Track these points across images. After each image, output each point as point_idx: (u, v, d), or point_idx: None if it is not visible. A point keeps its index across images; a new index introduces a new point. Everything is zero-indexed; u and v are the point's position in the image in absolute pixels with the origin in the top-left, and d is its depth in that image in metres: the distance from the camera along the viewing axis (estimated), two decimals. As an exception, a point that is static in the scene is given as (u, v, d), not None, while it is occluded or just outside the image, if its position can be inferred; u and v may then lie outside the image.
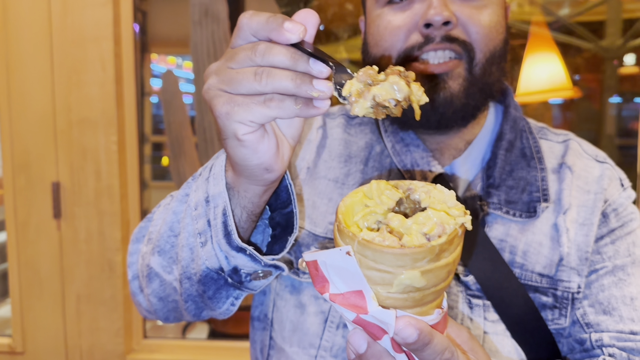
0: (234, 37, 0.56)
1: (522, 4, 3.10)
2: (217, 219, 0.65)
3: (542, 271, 0.81)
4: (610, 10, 3.11)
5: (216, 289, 0.71)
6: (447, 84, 0.79)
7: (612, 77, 3.15)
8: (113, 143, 1.79)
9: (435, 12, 0.76)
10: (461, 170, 0.87)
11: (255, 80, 0.52)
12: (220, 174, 0.65)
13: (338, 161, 0.89)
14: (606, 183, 0.87)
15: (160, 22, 4.66)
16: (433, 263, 0.48)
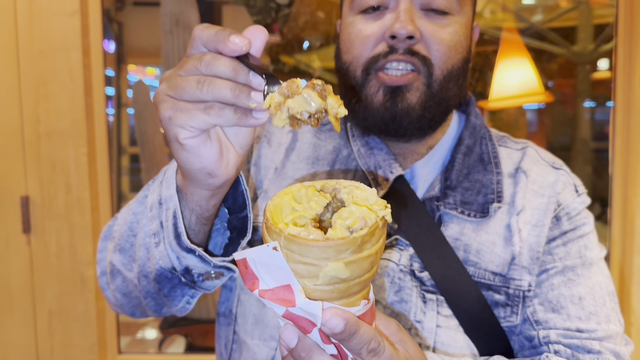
0: (188, 47, 0.59)
1: (495, 10, 3.13)
2: (169, 220, 0.68)
3: (495, 270, 0.85)
4: (581, 16, 3.16)
5: (171, 287, 0.74)
6: (406, 96, 0.82)
7: (584, 82, 3.19)
8: (83, 155, 1.76)
9: (401, 26, 0.79)
10: (421, 173, 0.91)
11: (198, 88, 0.55)
12: (172, 178, 0.69)
13: (306, 163, 0.93)
14: (560, 188, 0.91)
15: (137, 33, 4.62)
16: (356, 254, 0.50)
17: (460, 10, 0.85)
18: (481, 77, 2.83)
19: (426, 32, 0.82)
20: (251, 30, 0.57)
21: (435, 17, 0.83)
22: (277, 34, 2.46)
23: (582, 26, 3.18)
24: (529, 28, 3.20)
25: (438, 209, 0.86)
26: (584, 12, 3.16)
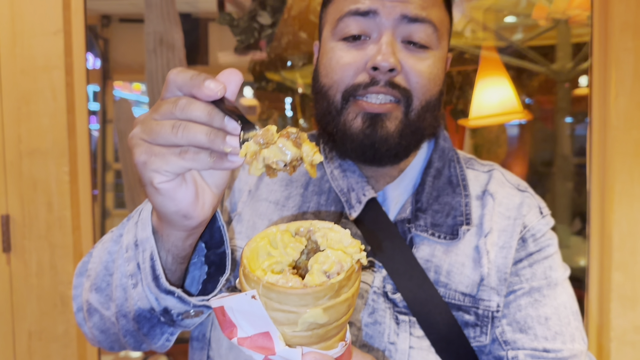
0: (163, 90, 0.59)
1: (476, 30, 3.19)
2: (146, 262, 0.68)
3: (464, 290, 0.86)
4: (560, 35, 3.22)
5: (150, 326, 0.74)
6: (385, 124, 0.84)
7: (564, 99, 3.25)
8: (65, 173, 1.76)
9: (383, 58, 0.81)
10: (393, 195, 0.92)
11: (172, 132, 0.55)
12: (147, 219, 0.68)
13: (280, 185, 0.94)
14: (525, 210, 0.93)
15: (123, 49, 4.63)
16: (334, 299, 0.51)
17: (439, 45, 0.87)
18: (462, 95, 2.88)
19: (407, 64, 0.84)
20: (226, 74, 0.57)
21: (415, 51, 0.85)
22: (263, 50, 2.48)
23: (561, 45, 3.25)
24: (509, 47, 3.26)
25: (409, 230, 0.88)
26: (563, 31, 3.22)
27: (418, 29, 0.84)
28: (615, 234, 1.70)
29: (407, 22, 0.84)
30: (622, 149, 1.69)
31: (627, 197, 1.69)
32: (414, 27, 0.84)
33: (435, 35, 0.86)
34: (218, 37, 4.98)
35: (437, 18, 0.86)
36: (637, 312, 1.70)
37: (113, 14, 4.74)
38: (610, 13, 1.70)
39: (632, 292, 1.70)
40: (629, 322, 1.71)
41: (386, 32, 0.84)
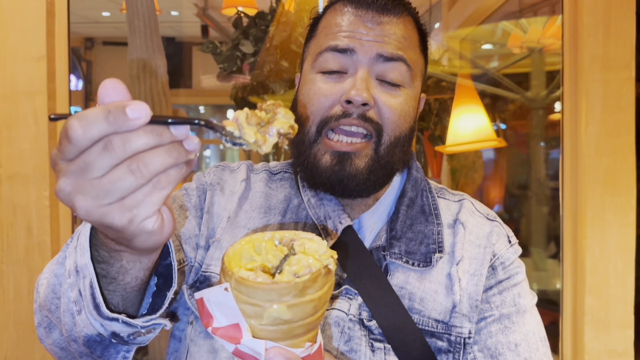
0: (66, 150, 0.49)
1: (453, 58, 3.27)
2: (86, 290, 0.64)
3: (437, 317, 0.88)
4: (534, 64, 3.31)
5: (103, 349, 0.71)
6: (354, 161, 0.88)
7: (538, 126, 3.33)
8: (45, 198, 1.76)
9: (357, 93, 0.85)
10: (368, 223, 0.95)
11: (135, 176, 0.49)
12: (85, 246, 0.63)
13: (258, 212, 0.96)
14: (495, 239, 0.96)
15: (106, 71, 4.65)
16: (298, 298, 0.55)
17: (411, 84, 0.91)
18: (439, 122, 2.94)
19: (379, 100, 0.88)
20: (110, 89, 0.50)
21: (388, 88, 0.89)
22: (246, 73, 2.51)
23: (535, 73, 3.34)
24: (484, 74, 3.34)
25: (384, 258, 0.90)
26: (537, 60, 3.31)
27: (392, 68, 0.89)
28: (588, 259, 1.75)
29: (382, 61, 0.88)
30: (593, 176, 1.75)
31: (599, 223, 1.74)
32: (389, 65, 0.88)
33: (408, 74, 0.90)
34: (201, 60, 5.03)
35: (411, 59, 0.91)
36: (610, 336, 1.74)
37: (96, 37, 4.76)
38: (579, 46, 1.77)
39: (604, 316, 1.74)
40: (603, 345, 1.75)
41: (362, 69, 0.88)
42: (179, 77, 4.84)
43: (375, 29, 0.89)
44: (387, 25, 0.89)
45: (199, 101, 5.40)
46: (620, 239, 1.74)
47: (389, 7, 0.90)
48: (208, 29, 3.71)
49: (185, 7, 4.02)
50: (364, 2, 0.91)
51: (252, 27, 2.31)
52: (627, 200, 1.74)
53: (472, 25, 3.31)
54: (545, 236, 3.29)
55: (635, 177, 1.74)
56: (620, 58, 1.74)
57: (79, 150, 0.49)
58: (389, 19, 0.90)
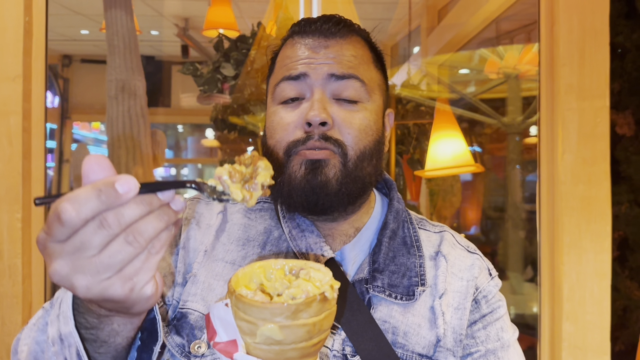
0: (57, 232, 0.51)
1: (431, 83, 3.31)
2: (73, 358, 0.66)
3: (421, 351, 0.88)
4: (511, 89, 3.37)
5: None
6: (324, 170, 0.89)
7: (514, 151, 3.38)
8: (17, 220, 1.71)
9: (314, 114, 0.88)
10: (350, 255, 0.95)
11: (133, 246, 0.52)
12: (68, 314, 0.65)
13: (236, 244, 0.95)
14: (477, 272, 0.97)
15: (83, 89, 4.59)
16: (290, 320, 0.56)
17: (369, 99, 0.94)
18: (418, 145, 2.97)
19: (338, 118, 0.90)
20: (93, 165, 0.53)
21: (345, 105, 0.92)
22: (227, 93, 2.51)
23: (511, 99, 3.40)
24: (461, 99, 3.39)
25: (367, 291, 0.90)
26: (513, 86, 3.37)
27: (346, 85, 0.91)
28: (565, 285, 1.76)
29: (335, 80, 0.91)
30: (570, 203, 1.77)
31: (576, 250, 1.76)
32: (342, 83, 0.91)
33: (363, 90, 0.93)
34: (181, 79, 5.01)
35: (365, 74, 0.94)
36: (586, 362, 1.75)
37: (74, 54, 4.71)
38: (555, 75, 1.81)
39: (582, 342, 1.75)
40: (579, 371, 1.75)
41: (317, 91, 0.91)
42: (157, 95, 4.81)
43: (324, 52, 0.93)
44: (335, 47, 0.93)
45: (178, 120, 5.37)
46: (596, 266, 1.76)
47: (333, 31, 0.94)
48: (188, 48, 3.71)
49: (166, 27, 4.02)
50: (310, 31, 0.95)
51: (233, 50, 2.31)
52: (603, 227, 1.76)
53: (450, 52, 3.37)
54: (522, 260, 3.32)
55: (611, 204, 1.77)
56: (595, 87, 1.77)
57: (72, 231, 0.50)
58: (336, 41, 0.94)
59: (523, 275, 3.27)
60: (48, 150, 1.85)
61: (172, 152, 5.79)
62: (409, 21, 3.35)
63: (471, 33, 3.21)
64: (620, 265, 3.27)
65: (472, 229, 3.93)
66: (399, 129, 3.09)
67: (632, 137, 3.04)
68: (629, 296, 3.27)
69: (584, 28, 1.78)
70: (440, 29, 3.45)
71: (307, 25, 0.96)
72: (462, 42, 3.30)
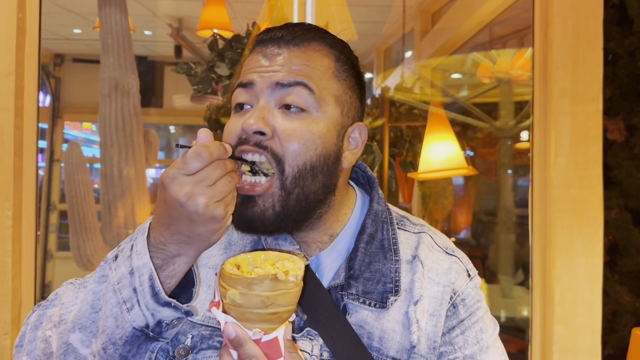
0: (192, 166, 0.77)
1: (424, 86, 3.33)
2: (144, 284, 0.80)
3: (395, 356, 0.90)
4: (503, 94, 3.39)
5: (139, 345, 0.84)
6: (257, 203, 0.88)
7: (506, 155, 3.40)
8: (8, 218, 1.69)
9: (248, 123, 0.87)
10: (327, 261, 0.95)
11: (231, 184, 0.79)
12: (144, 249, 0.81)
13: (218, 249, 0.97)
14: (454, 276, 0.97)
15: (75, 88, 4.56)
16: (246, 289, 0.74)
17: (319, 109, 0.90)
18: (411, 148, 2.97)
19: (279, 127, 0.88)
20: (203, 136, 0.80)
21: (290, 114, 0.89)
22: (219, 93, 2.50)
23: (504, 103, 3.41)
24: (454, 103, 3.41)
25: (342, 298, 0.91)
26: (505, 90, 3.39)
27: (291, 93, 0.88)
28: (557, 288, 1.77)
29: (280, 88, 0.89)
30: (562, 206, 1.78)
31: (567, 253, 1.77)
32: (287, 91, 0.88)
33: (311, 98, 0.89)
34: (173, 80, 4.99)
35: (317, 83, 0.90)
36: (577, 365, 1.76)
37: (67, 53, 4.68)
38: (549, 79, 1.82)
39: (572, 346, 1.76)
40: (570, 374, 1.76)
41: (262, 99, 0.89)
42: (150, 96, 4.79)
43: (274, 59, 0.91)
44: (286, 55, 0.91)
45: (170, 121, 5.35)
46: (588, 269, 1.77)
47: (287, 38, 0.92)
48: (181, 49, 3.70)
49: (159, 27, 4.01)
50: (267, 39, 0.94)
51: (228, 49, 2.31)
52: (595, 230, 1.77)
53: (443, 55, 3.38)
54: (512, 263, 3.33)
55: (603, 208, 1.78)
56: (588, 92, 1.79)
57: (203, 166, 0.76)
58: (289, 50, 0.91)
59: (514, 279, 3.28)
60: (39, 150, 1.84)
61: (164, 153, 5.77)
62: (402, 24, 3.36)
63: (464, 37, 3.23)
64: (610, 269, 3.30)
65: (462, 232, 3.94)
66: (392, 131, 3.09)
67: (623, 143, 3.07)
68: (618, 301, 3.30)
69: (578, 32, 1.79)
70: (433, 32, 3.46)
71: (265, 34, 0.95)
72: (455, 45, 3.31)
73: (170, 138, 5.91)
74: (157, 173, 6.33)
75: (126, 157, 2.15)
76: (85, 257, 2.19)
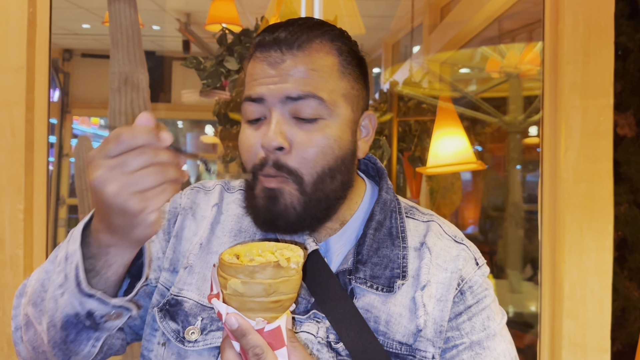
0: (112, 149, 0.69)
1: (433, 81, 3.32)
2: (71, 272, 0.78)
3: (401, 340, 0.91)
4: (512, 88, 3.38)
5: (77, 332, 0.82)
6: (279, 200, 0.89)
7: (515, 150, 3.39)
8: (19, 211, 1.71)
9: (268, 140, 0.88)
10: (336, 247, 0.97)
11: (156, 177, 0.69)
12: (77, 235, 0.79)
13: (229, 236, 0.99)
14: (462, 263, 0.98)
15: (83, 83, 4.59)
16: (248, 277, 0.73)
17: (332, 113, 0.90)
18: (419, 143, 2.97)
19: (296, 139, 0.89)
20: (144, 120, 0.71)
21: (304, 124, 0.89)
22: (227, 89, 2.51)
23: (513, 97, 3.40)
24: (463, 98, 3.40)
25: (350, 282, 0.93)
26: (514, 85, 3.38)
27: (303, 105, 0.89)
28: (566, 283, 1.77)
29: (291, 102, 0.89)
30: (572, 201, 1.78)
31: (577, 248, 1.77)
32: (299, 104, 0.89)
33: (323, 106, 0.89)
34: (182, 75, 5.00)
35: (325, 88, 0.90)
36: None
37: (75, 48, 4.71)
38: (559, 73, 1.81)
39: (582, 340, 1.76)
40: (579, 369, 1.76)
41: (275, 112, 0.89)
42: (158, 91, 4.80)
43: (281, 68, 0.90)
44: (290, 62, 0.90)
45: (178, 116, 5.37)
46: (598, 264, 1.77)
47: (289, 41, 0.90)
48: (190, 44, 3.71)
49: (168, 21, 4.02)
50: (267, 43, 0.92)
51: (237, 44, 2.31)
52: (605, 225, 1.77)
53: (452, 49, 3.37)
54: (521, 259, 3.33)
55: (613, 202, 1.77)
56: (598, 86, 1.78)
57: (122, 151, 0.68)
58: (291, 55, 0.90)
59: (522, 274, 3.28)
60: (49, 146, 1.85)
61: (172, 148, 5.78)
62: (411, 18, 3.36)
63: (473, 31, 3.21)
64: (619, 265, 3.28)
65: (470, 227, 3.94)
66: (401, 126, 3.09)
67: (634, 138, 3.04)
68: (627, 297, 3.28)
69: (588, 26, 1.78)
70: (442, 26, 3.45)
71: (266, 35, 0.93)
72: (464, 40, 3.30)
73: (179, 133, 5.93)
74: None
75: (135, 152, 2.15)
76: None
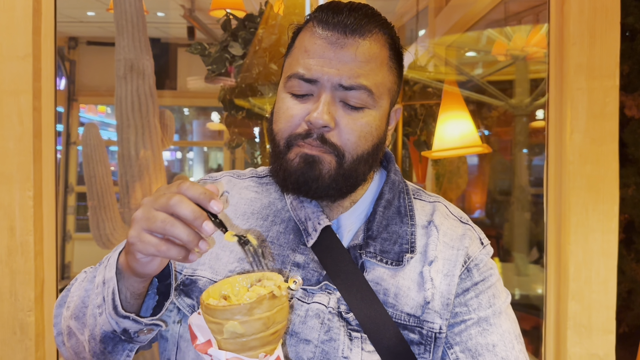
0: (168, 186, 0.80)
1: (438, 65, 3.30)
2: (109, 296, 0.88)
3: (409, 311, 0.96)
4: (518, 72, 3.36)
5: (114, 345, 0.93)
6: (318, 166, 0.94)
7: (521, 133, 3.37)
8: (29, 198, 1.73)
9: (317, 116, 0.92)
10: (347, 223, 1.02)
11: (161, 225, 0.76)
12: (113, 264, 0.90)
13: (242, 218, 1.04)
14: (467, 242, 1.02)
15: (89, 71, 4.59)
16: (247, 316, 0.71)
17: (376, 105, 0.96)
18: (425, 127, 2.96)
19: (341, 122, 0.94)
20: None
21: (350, 110, 0.95)
22: (232, 75, 2.51)
23: (519, 80, 3.38)
24: (469, 81, 3.38)
25: (360, 256, 0.98)
26: (521, 68, 3.36)
27: (353, 95, 0.94)
28: (572, 264, 1.78)
29: (343, 89, 0.94)
30: (577, 183, 1.78)
31: (582, 229, 1.77)
32: (350, 93, 0.94)
33: (371, 98, 0.95)
34: (187, 62, 4.99)
35: (373, 82, 0.95)
36: (592, 341, 1.77)
37: (81, 36, 4.70)
38: (565, 55, 1.80)
39: (587, 321, 1.77)
40: (585, 350, 1.77)
41: (325, 94, 0.93)
42: (164, 78, 4.80)
43: (338, 53, 0.93)
44: (350, 49, 0.93)
45: (184, 102, 5.37)
46: (603, 245, 1.77)
47: (354, 27, 0.94)
48: (194, 30, 3.70)
49: (172, 8, 4.01)
50: (331, 23, 0.94)
51: (241, 29, 2.31)
52: (610, 207, 1.77)
53: (458, 32, 3.35)
54: (527, 242, 3.33)
55: (618, 184, 1.77)
56: (605, 67, 1.77)
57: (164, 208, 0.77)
58: (353, 41, 0.94)
59: (528, 257, 3.28)
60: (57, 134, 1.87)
61: (178, 135, 5.80)
62: (416, 1, 3.33)
63: (479, 14, 3.19)
64: (626, 247, 3.28)
65: (477, 211, 3.94)
66: (406, 110, 3.08)
67: (640, 119, 3.02)
68: (634, 279, 3.29)
69: (594, 7, 1.76)
70: (448, 9, 3.42)
71: (330, 15, 0.95)
72: (470, 22, 3.27)
73: (185, 120, 5.94)
74: (171, 155, 6.37)
75: (143, 138, 2.17)
76: (105, 235, 2.23)
